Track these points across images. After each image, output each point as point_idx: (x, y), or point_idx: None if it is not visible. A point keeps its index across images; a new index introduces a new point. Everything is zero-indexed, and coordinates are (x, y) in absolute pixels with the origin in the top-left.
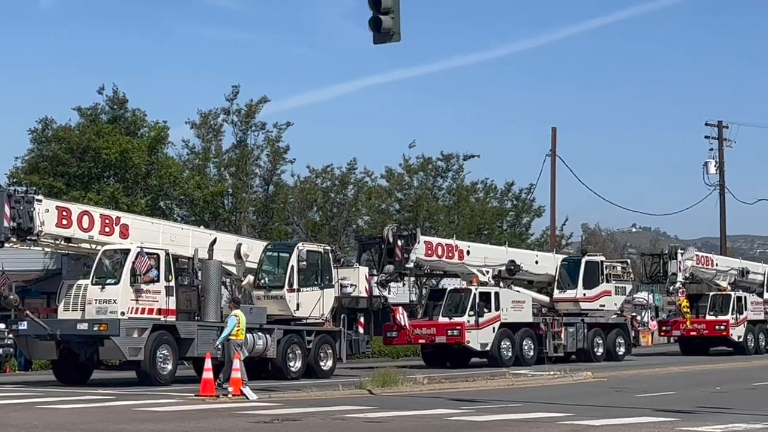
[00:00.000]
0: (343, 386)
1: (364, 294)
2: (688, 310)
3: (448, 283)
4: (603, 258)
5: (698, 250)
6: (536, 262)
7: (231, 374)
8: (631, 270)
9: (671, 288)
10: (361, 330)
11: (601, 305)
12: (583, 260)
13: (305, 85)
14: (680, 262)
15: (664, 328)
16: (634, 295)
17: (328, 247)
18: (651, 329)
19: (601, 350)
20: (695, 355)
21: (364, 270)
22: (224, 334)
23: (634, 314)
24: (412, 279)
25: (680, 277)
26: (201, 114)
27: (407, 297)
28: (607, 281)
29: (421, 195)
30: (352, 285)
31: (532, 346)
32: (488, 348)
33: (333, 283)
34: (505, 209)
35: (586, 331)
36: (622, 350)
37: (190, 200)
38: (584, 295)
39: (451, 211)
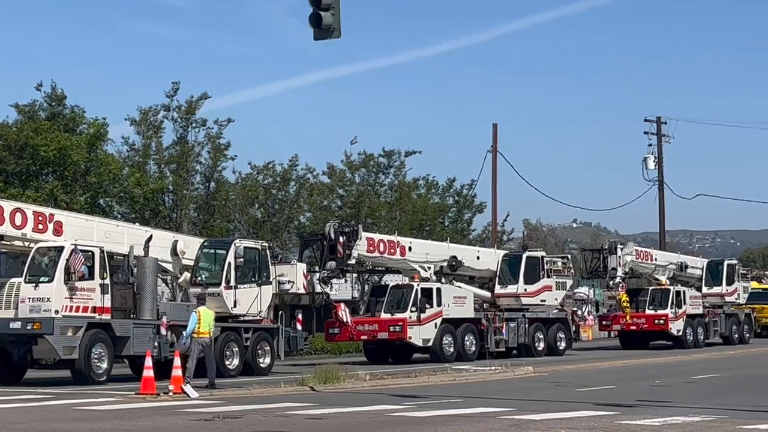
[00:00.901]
0: (284, 383)
1: (302, 291)
2: (628, 305)
3: (391, 280)
4: (544, 253)
5: (638, 245)
6: (477, 258)
7: (172, 372)
8: (571, 265)
9: (611, 283)
10: (299, 327)
11: (542, 300)
12: (524, 256)
13: (247, 82)
14: (620, 257)
15: (604, 322)
16: (575, 290)
17: (266, 244)
18: (589, 324)
19: (542, 345)
20: (635, 349)
21: (302, 266)
22: (187, 331)
23: (574, 309)
24: (355, 275)
25: (620, 272)
26: (141, 111)
27: (350, 293)
28: (548, 276)
29: (362, 191)
30: (290, 282)
31: (474, 342)
32: (430, 344)
33: (270, 280)
34: (446, 205)
35: (527, 326)
36: (563, 345)
37: (130, 197)
38: (525, 290)
39: (393, 208)
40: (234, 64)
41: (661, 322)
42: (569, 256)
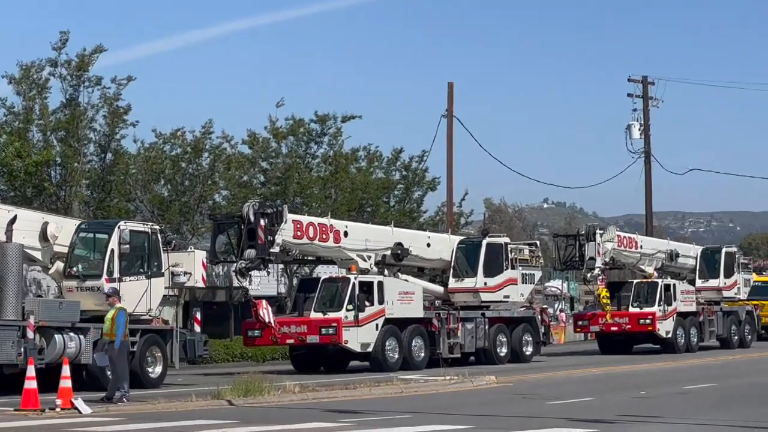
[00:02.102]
0: (196, 396)
1: (200, 284)
2: (608, 301)
3: (323, 272)
4: (507, 240)
5: (620, 230)
6: (428, 245)
7: (60, 384)
8: (540, 254)
9: (588, 275)
10: (197, 328)
11: (505, 296)
12: (484, 242)
13: (150, 33)
14: (599, 244)
15: (580, 322)
16: (546, 284)
17: (157, 227)
18: (562, 324)
19: (505, 350)
20: (616, 354)
21: (200, 255)
22: (120, 333)
23: (545, 306)
24: (280, 267)
25: (599, 262)
26: (22, 66)
27: (275, 288)
28: (513, 267)
29: (290, 164)
30: (186, 273)
31: (423, 346)
32: (370, 349)
33: (162, 270)
34: (392, 181)
35: (487, 327)
36: (529, 349)
37: (8, 171)
38: (485, 284)
39: (327, 184)
40: (134, 11)
41: (648, 321)
42: (538, 243)
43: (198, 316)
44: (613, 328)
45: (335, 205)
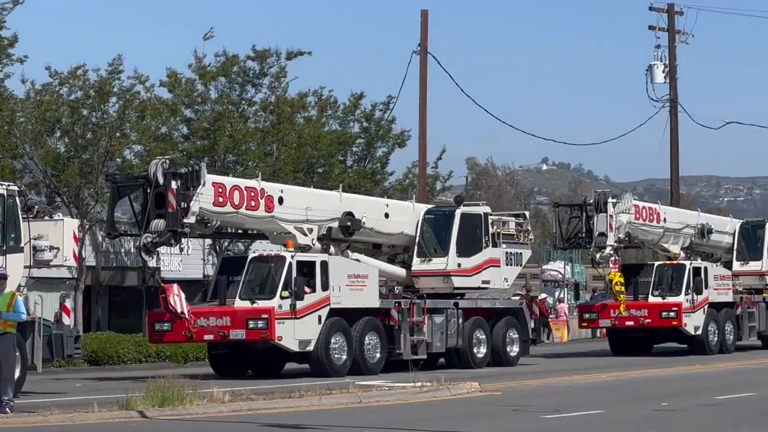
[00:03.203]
0: (99, 406)
1: (71, 262)
2: (623, 289)
3: (263, 249)
4: (488, 209)
5: (637, 199)
6: (386, 216)
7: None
8: (530, 228)
9: (598, 255)
10: (67, 320)
11: (483, 282)
12: (457, 213)
13: None
14: (611, 216)
15: (587, 315)
16: (544, 267)
17: (14, 187)
18: (564, 317)
19: (483, 350)
20: (632, 355)
21: (71, 224)
22: (21, 318)
23: (541, 296)
24: (208, 243)
25: (611, 239)
26: None
27: (201, 269)
28: (494, 245)
29: (221, 113)
30: (52, 248)
31: (379, 345)
32: (310, 347)
33: (21, 244)
34: (349, 135)
35: (461, 321)
36: (515, 349)
37: None
38: (458, 266)
39: (268, 139)
40: None
41: (672, 315)
42: (526, 213)
43: (67, 304)
44: (629, 323)
45: (277, 164)
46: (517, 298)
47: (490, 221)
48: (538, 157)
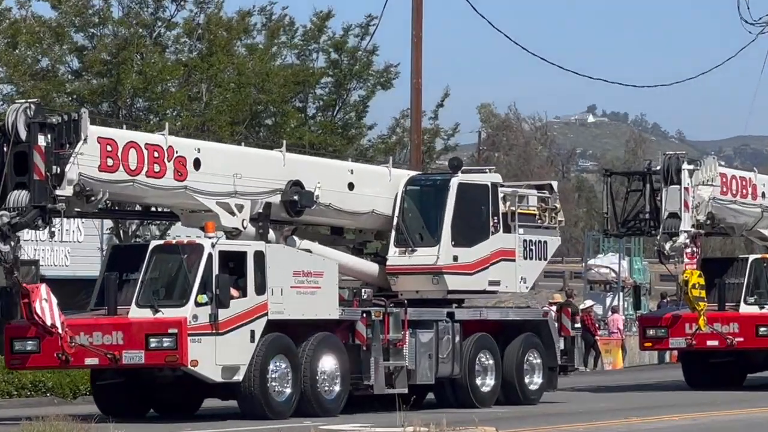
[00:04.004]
0: None
1: None
2: (703, 294)
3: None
4: (497, 178)
5: (725, 165)
6: (350, 187)
7: None
8: (558, 205)
9: (668, 246)
10: None
11: (491, 283)
12: (453, 183)
13: None
14: (687, 189)
15: (651, 331)
16: (590, 262)
17: None
18: (617, 335)
19: (490, 381)
20: (716, 388)
21: None
22: None
23: (589, 304)
24: (108, 225)
25: (687, 223)
26: None
27: (98, 265)
28: (507, 230)
29: (127, 39)
30: None
31: (339, 374)
32: (239, 377)
33: None
34: (312, 72)
35: (458, 339)
36: (537, 380)
37: None
38: (455, 259)
39: (194, 76)
40: None
41: None
42: (553, 184)
43: None
44: (711, 343)
45: (208, 113)
46: (525, 308)
47: (500, 195)
48: (581, 104)
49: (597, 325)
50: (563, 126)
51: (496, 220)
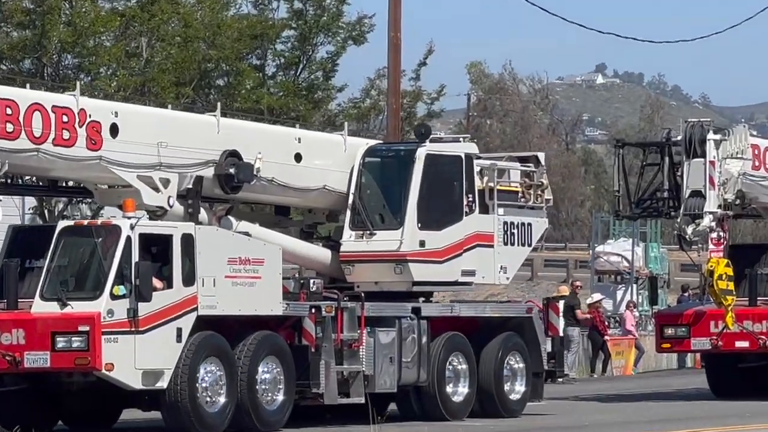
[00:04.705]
0: None
1: None
2: (731, 286)
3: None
4: (472, 148)
5: (758, 135)
6: (297, 158)
7: None
8: (545, 180)
9: (690, 230)
10: None
11: (465, 272)
12: (420, 155)
13: None
14: (713, 163)
15: (669, 330)
16: (599, 249)
17: None
18: (631, 334)
19: (463, 388)
20: (747, 397)
21: None
22: None
23: (597, 298)
24: (31, 204)
25: (713, 203)
26: None
27: None
28: (484, 210)
29: None
30: None
31: (283, 380)
32: (163, 382)
33: None
34: (272, 24)
35: (425, 339)
36: (519, 388)
37: None
38: (421, 245)
39: (133, 28)
40: None
41: None
42: (540, 156)
43: None
44: (741, 344)
45: (150, 72)
46: (505, 303)
47: (476, 169)
48: (589, 63)
49: (606, 323)
50: (567, 88)
51: (470, 199)
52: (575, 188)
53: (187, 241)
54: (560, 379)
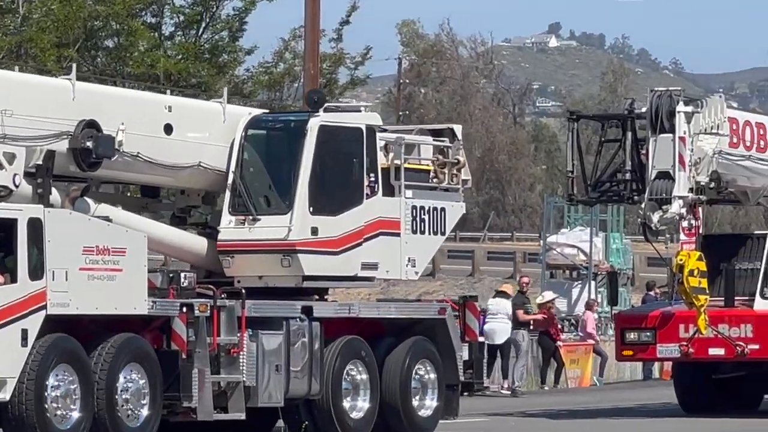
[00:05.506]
0: None
1: None
2: (704, 284)
3: None
4: (375, 119)
5: (738, 107)
6: (167, 130)
7: None
8: (462, 158)
9: (656, 217)
10: None
11: (366, 266)
12: (312, 126)
13: None
14: (684, 139)
15: (631, 335)
16: (551, 240)
17: None
18: (591, 338)
19: (363, 403)
20: (721, 413)
21: None
22: None
23: (549, 297)
24: None
25: (682, 186)
26: None
27: None
28: (389, 192)
29: None
30: None
31: (149, 391)
32: (5, 393)
33: None
34: None
35: (318, 344)
36: (430, 403)
37: None
38: (314, 232)
39: None
40: None
41: None
42: (456, 129)
43: None
44: (715, 351)
45: (27, 32)
46: (415, 304)
47: (380, 144)
48: (541, 23)
49: (560, 326)
50: (515, 52)
51: (372, 179)
52: (524, 168)
53: (35, 226)
54: (478, 392)
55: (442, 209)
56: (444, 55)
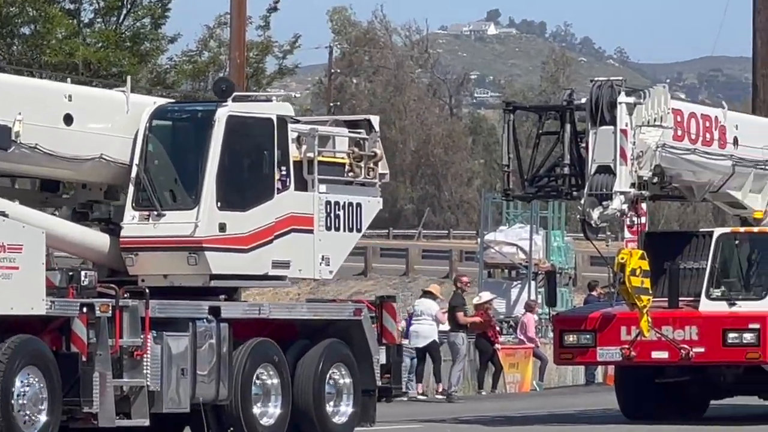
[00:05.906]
0: None
1: None
2: (647, 283)
3: None
4: (286, 109)
5: (686, 99)
6: (67, 120)
7: None
8: (379, 150)
9: (596, 214)
10: None
11: (276, 264)
12: (219, 116)
13: None
14: (626, 131)
15: (571, 338)
16: (488, 239)
17: None
18: (531, 342)
19: (274, 409)
20: (666, 420)
21: None
22: None
23: (486, 297)
24: None
25: (624, 181)
26: None
27: None
28: (301, 186)
29: None
30: None
31: (46, 396)
32: None
33: None
34: None
35: (226, 347)
36: (344, 409)
37: None
38: (222, 228)
39: None
40: None
41: (749, 338)
42: (372, 120)
43: None
44: (659, 355)
45: None
46: (331, 305)
47: (292, 135)
48: (479, 10)
49: (498, 328)
50: (452, 40)
51: (284, 172)
52: (460, 163)
53: None
54: (396, 398)
55: (358, 205)
56: (377, 44)
